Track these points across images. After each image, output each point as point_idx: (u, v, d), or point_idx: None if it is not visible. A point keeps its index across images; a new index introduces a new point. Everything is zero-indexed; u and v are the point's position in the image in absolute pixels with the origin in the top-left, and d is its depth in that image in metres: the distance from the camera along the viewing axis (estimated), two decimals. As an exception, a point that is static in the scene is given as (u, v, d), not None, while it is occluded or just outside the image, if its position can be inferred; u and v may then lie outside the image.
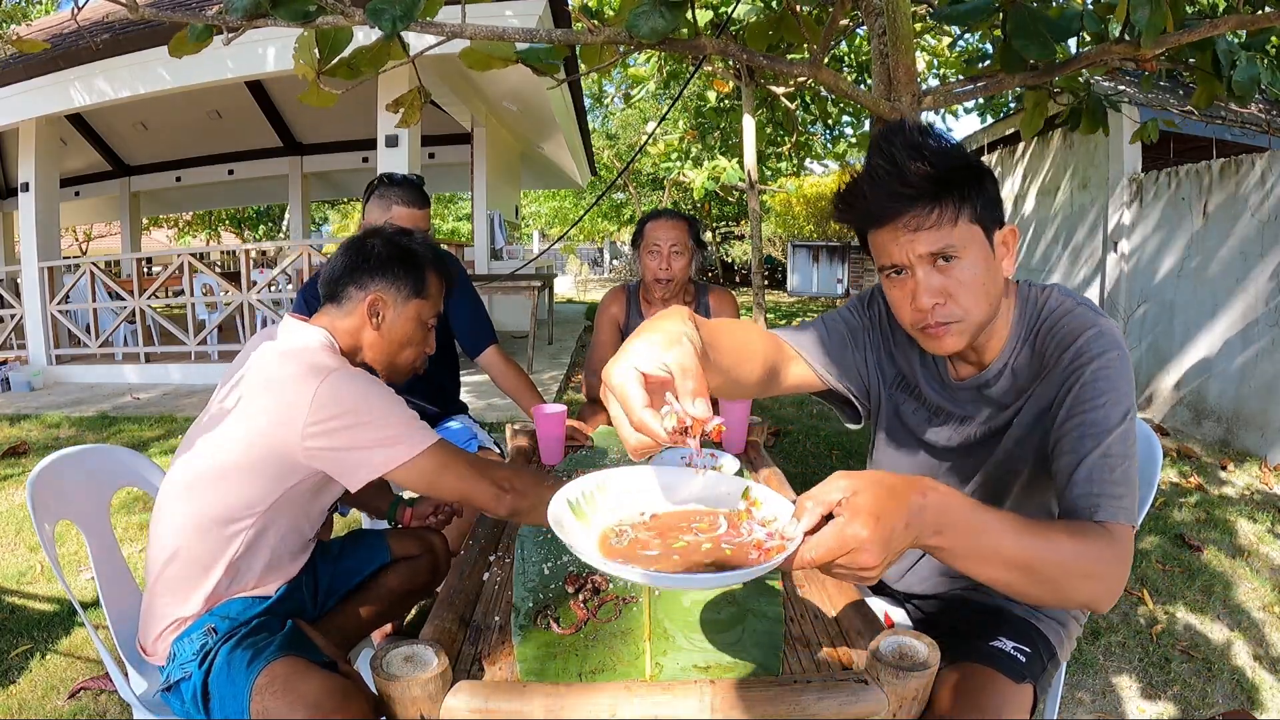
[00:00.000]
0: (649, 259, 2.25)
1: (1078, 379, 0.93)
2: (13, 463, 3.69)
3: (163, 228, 19.09)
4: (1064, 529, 0.83)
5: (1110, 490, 0.87)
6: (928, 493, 0.72)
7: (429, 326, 1.37)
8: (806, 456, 3.77)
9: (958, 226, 0.92)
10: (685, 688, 0.89)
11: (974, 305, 0.95)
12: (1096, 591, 0.82)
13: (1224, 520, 2.89)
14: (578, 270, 21.61)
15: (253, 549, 1.20)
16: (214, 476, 1.16)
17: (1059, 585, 0.79)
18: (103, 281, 6.00)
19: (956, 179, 0.91)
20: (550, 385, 5.14)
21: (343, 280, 1.30)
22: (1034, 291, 1.03)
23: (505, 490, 1.19)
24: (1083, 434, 0.90)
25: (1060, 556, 0.79)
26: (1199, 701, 1.82)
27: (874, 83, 2.25)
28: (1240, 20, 1.75)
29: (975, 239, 0.94)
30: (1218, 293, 4.11)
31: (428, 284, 1.34)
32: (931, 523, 0.72)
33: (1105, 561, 0.82)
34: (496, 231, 8.08)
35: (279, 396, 1.13)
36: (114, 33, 4.91)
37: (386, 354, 1.33)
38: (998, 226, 0.96)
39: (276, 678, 1.03)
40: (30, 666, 1.93)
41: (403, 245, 1.33)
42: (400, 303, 1.32)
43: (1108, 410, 0.90)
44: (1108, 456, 0.88)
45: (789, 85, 7.35)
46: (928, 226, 0.92)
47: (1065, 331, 0.97)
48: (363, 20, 1.40)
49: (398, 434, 1.15)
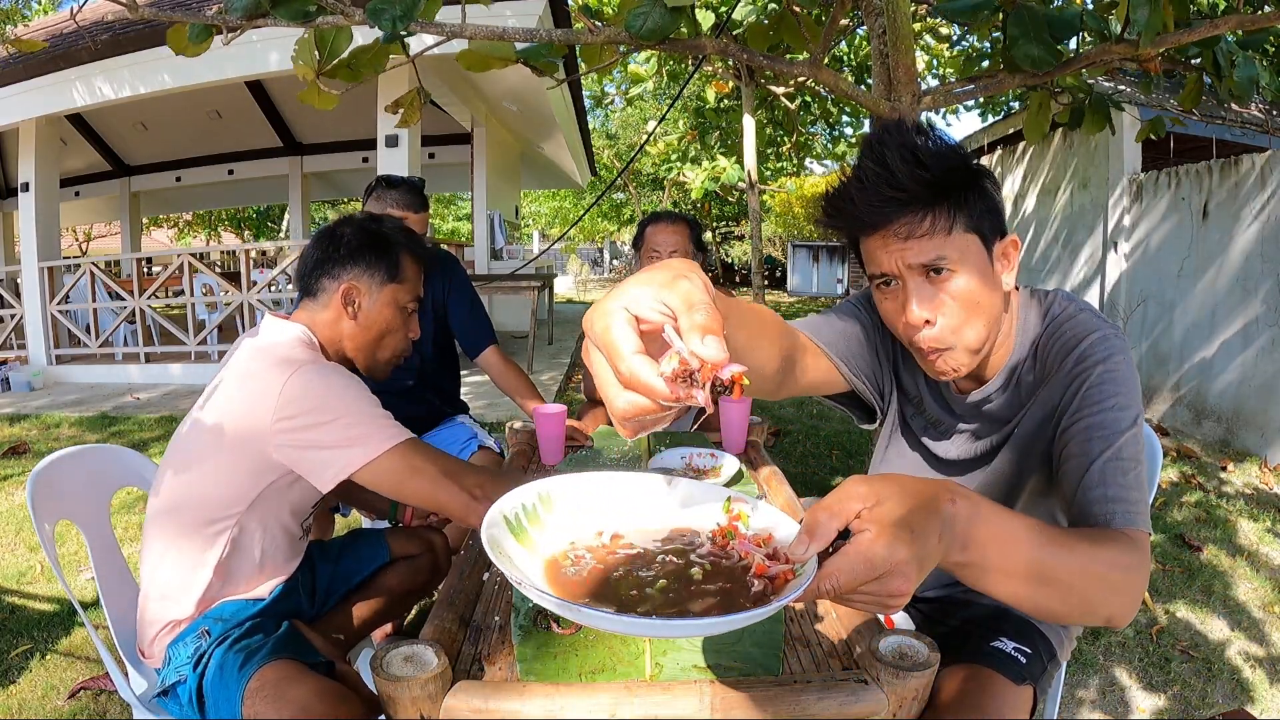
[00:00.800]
0: (649, 263, 2.24)
1: (1083, 382, 0.88)
2: (13, 463, 3.69)
3: (163, 228, 19.08)
4: (1087, 538, 0.75)
5: (1125, 495, 0.81)
6: (957, 499, 0.62)
7: (409, 311, 1.33)
8: (806, 456, 3.77)
9: (952, 235, 0.85)
10: (685, 688, 0.89)
11: (967, 325, 0.88)
12: (1121, 606, 0.74)
13: (1224, 520, 2.89)
14: (578, 270, 21.61)
15: (239, 550, 1.18)
16: (194, 477, 1.15)
17: (1086, 600, 0.72)
18: (103, 281, 6.00)
19: (953, 183, 0.85)
20: (550, 385, 5.13)
21: (315, 272, 1.27)
22: (1035, 298, 0.98)
23: (477, 499, 1.14)
24: (1091, 436, 0.85)
25: (1087, 568, 0.71)
26: (1199, 701, 1.82)
27: (874, 83, 2.25)
28: (1240, 20, 1.75)
29: (972, 250, 0.87)
30: (1218, 293, 4.11)
31: (402, 267, 1.29)
32: (961, 535, 0.61)
33: (1130, 570, 0.75)
34: (496, 231, 8.08)
35: (249, 392, 1.11)
36: (114, 33, 4.91)
37: (367, 344, 1.30)
38: (998, 236, 0.89)
39: (267, 682, 1.03)
40: (30, 666, 1.93)
41: (373, 230, 1.29)
42: (375, 289, 1.27)
43: (1117, 413, 0.85)
44: (1119, 459, 0.82)
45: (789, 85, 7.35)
46: (920, 234, 0.85)
47: (1069, 336, 0.92)
48: (363, 20, 1.40)
49: (364, 433, 1.11)
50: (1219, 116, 5.13)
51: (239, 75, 5.12)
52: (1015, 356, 0.97)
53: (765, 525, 0.63)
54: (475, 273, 7.40)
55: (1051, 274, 6.04)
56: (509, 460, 1.86)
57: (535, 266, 8.64)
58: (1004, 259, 0.91)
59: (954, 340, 0.89)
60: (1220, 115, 5.15)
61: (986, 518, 0.64)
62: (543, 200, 21.76)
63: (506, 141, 8.90)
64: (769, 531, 0.62)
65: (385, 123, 5.15)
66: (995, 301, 0.89)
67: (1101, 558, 0.73)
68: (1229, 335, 4.01)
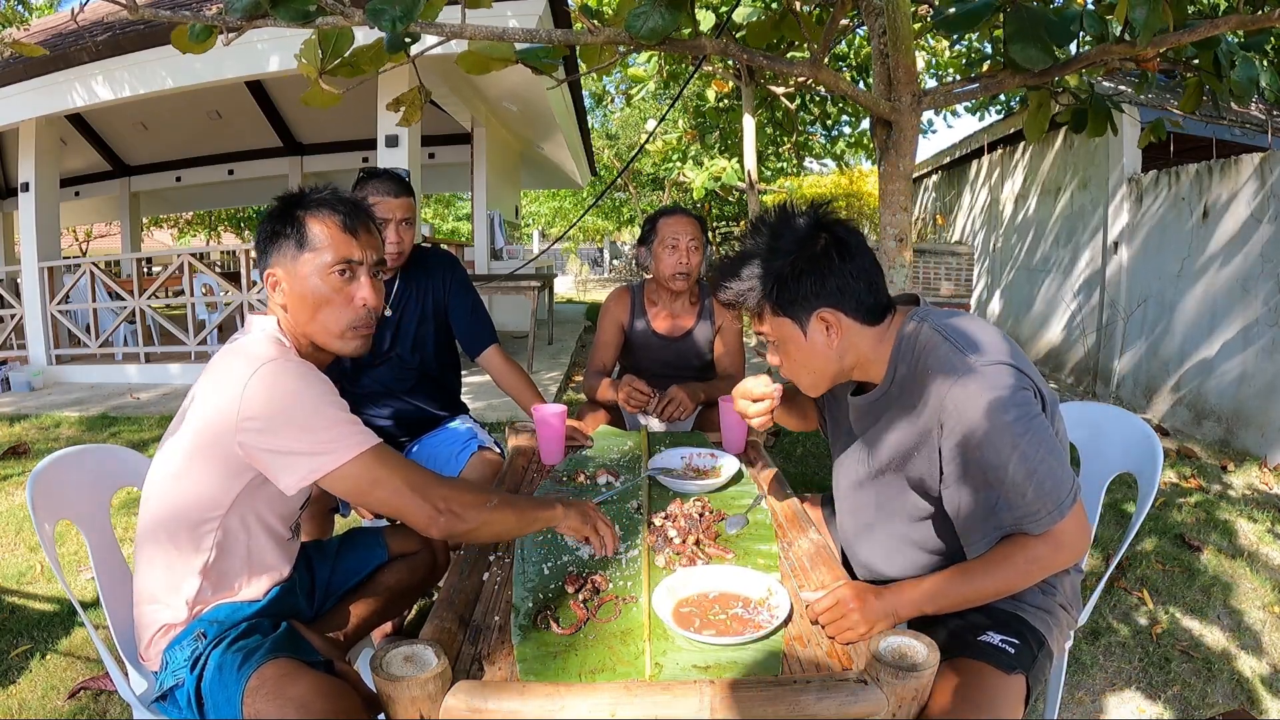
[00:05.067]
0: (667, 254, 2.23)
1: (954, 430, 1.06)
2: (13, 463, 3.69)
3: (163, 228, 19.08)
4: (1004, 553, 1.06)
5: (1028, 511, 1.03)
6: (885, 594, 1.08)
7: (340, 274, 1.20)
8: (806, 457, 3.77)
9: (765, 323, 1.18)
10: (685, 688, 0.89)
11: (799, 373, 1.20)
12: (1045, 574, 1.08)
13: (1224, 520, 2.89)
14: (578, 270, 21.60)
15: (225, 552, 1.17)
16: (175, 480, 1.14)
17: (1014, 587, 1.09)
18: (103, 281, 6.00)
19: (756, 286, 1.15)
20: (550, 385, 5.13)
21: (258, 267, 1.24)
22: (909, 327, 1.17)
23: (441, 512, 1.12)
24: (985, 480, 1.05)
25: (1011, 577, 1.06)
26: (1199, 701, 1.82)
27: (874, 83, 2.25)
28: (1240, 20, 1.75)
29: (784, 328, 1.16)
30: (1217, 293, 4.11)
31: (309, 233, 1.19)
32: (896, 603, 1.08)
33: (1039, 560, 1.05)
34: (496, 231, 8.08)
35: (219, 392, 1.10)
36: (114, 33, 4.91)
37: (310, 323, 1.21)
38: (807, 315, 1.14)
39: (267, 680, 1.03)
40: (30, 666, 1.93)
41: (281, 204, 1.22)
42: (290, 264, 1.19)
43: (995, 451, 1.03)
44: (1014, 486, 1.03)
45: (789, 85, 7.35)
46: (751, 319, 1.21)
47: (928, 375, 1.10)
48: (362, 21, 1.40)
49: (328, 438, 1.07)
50: (1219, 116, 5.13)
51: (239, 75, 5.11)
52: (890, 372, 1.18)
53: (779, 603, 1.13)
54: (475, 273, 7.40)
55: (1051, 274, 6.04)
56: (509, 460, 1.86)
57: (535, 266, 8.63)
58: (821, 324, 1.15)
59: (790, 379, 1.24)
60: (1220, 115, 5.15)
61: (921, 587, 1.10)
62: (543, 200, 21.76)
63: (506, 141, 8.90)
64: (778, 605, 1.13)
65: (385, 122, 5.15)
66: (819, 357, 1.17)
67: (1019, 567, 1.06)
68: (1229, 335, 4.01)
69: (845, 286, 1.13)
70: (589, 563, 1.28)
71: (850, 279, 1.13)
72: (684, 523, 1.38)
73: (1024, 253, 6.52)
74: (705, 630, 1.06)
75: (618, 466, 1.78)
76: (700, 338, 2.37)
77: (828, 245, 1.12)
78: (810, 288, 1.12)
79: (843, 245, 1.13)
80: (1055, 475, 1.02)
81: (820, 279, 1.12)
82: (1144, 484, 1.46)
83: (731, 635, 1.04)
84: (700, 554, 1.30)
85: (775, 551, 1.32)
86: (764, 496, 1.56)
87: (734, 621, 1.09)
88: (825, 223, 1.15)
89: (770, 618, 1.09)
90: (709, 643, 1.03)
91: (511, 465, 1.82)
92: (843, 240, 1.13)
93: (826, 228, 1.14)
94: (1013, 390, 1.04)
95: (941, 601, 1.07)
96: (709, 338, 2.38)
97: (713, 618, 1.10)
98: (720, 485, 1.63)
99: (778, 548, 1.34)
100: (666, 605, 1.11)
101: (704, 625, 1.08)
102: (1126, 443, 1.55)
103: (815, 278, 1.12)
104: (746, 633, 1.05)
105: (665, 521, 1.39)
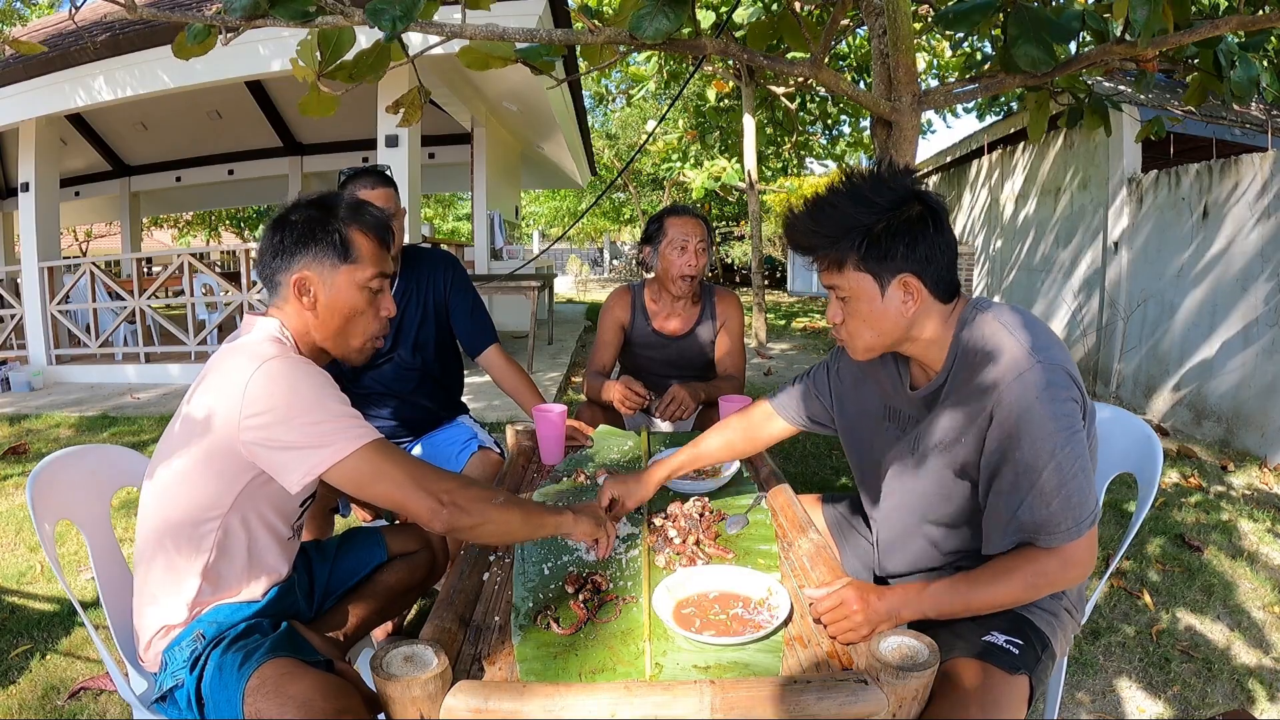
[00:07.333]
0: (674, 254, 2.22)
1: (1002, 422, 1.06)
2: (13, 463, 3.69)
3: (163, 228, 19.07)
4: (1012, 565, 1.06)
5: (1050, 519, 1.03)
6: (885, 595, 1.07)
7: (374, 290, 1.24)
8: (806, 457, 3.77)
9: (842, 274, 1.13)
10: (685, 688, 0.89)
11: (862, 331, 1.16)
12: (1061, 588, 1.08)
13: (1224, 520, 2.89)
14: (578, 270, 21.60)
15: (225, 553, 1.17)
16: (174, 480, 1.13)
17: (1020, 600, 1.08)
18: (103, 281, 6.00)
19: (844, 235, 1.11)
20: (550, 385, 5.13)
21: (270, 265, 1.22)
22: (972, 315, 1.15)
23: (444, 505, 1.11)
24: (1016, 480, 1.05)
25: (1016, 590, 1.06)
26: (1199, 701, 1.82)
27: (874, 83, 2.25)
28: (1240, 20, 1.75)
29: (863, 283, 1.12)
30: (1218, 293, 4.11)
31: (353, 245, 1.21)
32: (899, 604, 1.07)
33: (1047, 575, 1.05)
34: (496, 231, 8.08)
35: (219, 391, 1.09)
36: (113, 33, 4.90)
37: (334, 333, 1.23)
38: (891, 276, 1.11)
39: (267, 679, 1.03)
40: (30, 666, 1.93)
41: (316, 214, 1.21)
42: (328, 274, 1.20)
43: (1035, 454, 1.03)
44: (1042, 494, 1.03)
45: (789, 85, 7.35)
46: (822, 268, 1.17)
47: (989, 365, 1.09)
48: (362, 21, 1.40)
49: (329, 432, 1.07)
50: (1219, 116, 5.13)
51: (239, 75, 5.11)
52: (948, 362, 1.16)
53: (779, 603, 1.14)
54: (475, 273, 7.40)
55: (1052, 274, 6.04)
56: (510, 460, 1.86)
57: (535, 266, 8.63)
58: (901, 290, 1.12)
59: (845, 337, 1.19)
60: (1220, 115, 5.15)
61: (925, 592, 1.08)
62: (543, 200, 21.75)
63: (506, 141, 8.90)
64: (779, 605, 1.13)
65: (385, 123, 5.15)
66: (887, 319, 1.14)
67: (1026, 580, 1.06)
68: (1229, 335, 4.01)
69: (932, 257, 1.11)
70: (589, 563, 1.29)
71: (938, 251, 1.11)
72: (684, 523, 1.39)
73: (1024, 253, 6.52)
74: (705, 630, 1.06)
75: (618, 466, 1.78)
76: (702, 337, 2.37)
77: (924, 212, 1.11)
78: (901, 250, 1.10)
79: (936, 215, 1.11)
80: (1083, 492, 1.03)
81: (912, 243, 1.10)
82: (1144, 484, 1.46)
83: (732, 635, 1.05)
84: (700, 554, 1.30)
85: (775, 551, 1.32)
86: (764, 496, 1.56)
87: (734, 621, 1.09)
88: (918, 191, 1.13)
89: (770, 618, 1.09)
90: (709, 643, 1.03)
91: (511, 465, 1.82)
92: (936, 211, 1.12)
93: (919, 196, 1.12)
94: (1064, 400, 1.04)
95: (945, 608, 1.08)
96: (710, 337, 2.38)
97: (713, 618, 1.10)
98: (720, 485, 1.64)
99: (778, 548, 1.34)
100: (667, 605, 1.11)
101: (704, 625, 1.08)
102: (1126, 443, 1.55)
103: (908, 241, 1.10)
104: (747, 633, 1.05)
105: (665, 521, 1.40)
